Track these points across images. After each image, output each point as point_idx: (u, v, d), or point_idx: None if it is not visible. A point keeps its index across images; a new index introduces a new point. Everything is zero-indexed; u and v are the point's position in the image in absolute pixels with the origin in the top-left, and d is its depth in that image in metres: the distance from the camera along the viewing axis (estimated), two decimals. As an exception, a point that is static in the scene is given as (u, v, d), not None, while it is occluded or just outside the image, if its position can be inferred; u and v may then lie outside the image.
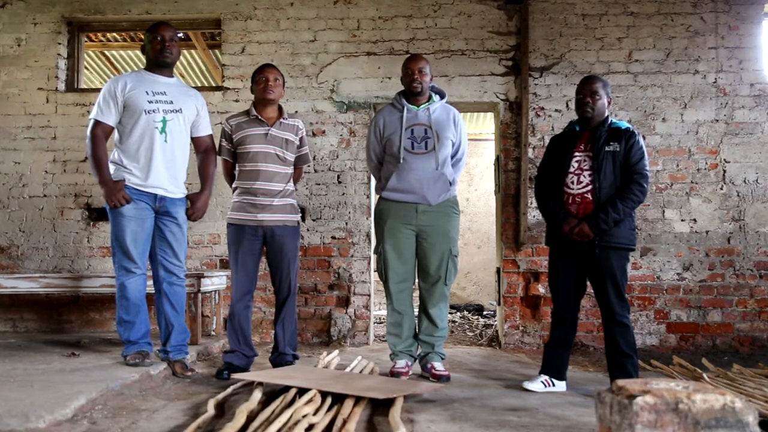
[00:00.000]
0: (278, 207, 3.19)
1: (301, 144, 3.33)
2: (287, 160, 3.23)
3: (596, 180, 2.87)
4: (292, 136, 3.25)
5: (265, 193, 3.17)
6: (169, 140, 3.03)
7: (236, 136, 3.21)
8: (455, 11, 4.60)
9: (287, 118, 3.28)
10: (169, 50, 3.04)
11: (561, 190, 2.96)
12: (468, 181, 8.37)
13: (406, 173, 3.19)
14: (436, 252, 3.22)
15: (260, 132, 3.19)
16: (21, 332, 4.54)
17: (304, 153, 3.36)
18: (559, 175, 2.97)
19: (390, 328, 3.32)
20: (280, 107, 3.29)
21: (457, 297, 8.01)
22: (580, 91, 2.98)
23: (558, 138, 3.11)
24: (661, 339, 4.35)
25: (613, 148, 2.90)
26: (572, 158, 2.96)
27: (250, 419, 2.11)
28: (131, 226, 2.97)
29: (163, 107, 3.02)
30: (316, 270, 4.53)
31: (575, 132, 3.04)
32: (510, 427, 2.23)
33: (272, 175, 3.18)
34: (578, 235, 2.87)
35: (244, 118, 3.25)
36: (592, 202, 2.87)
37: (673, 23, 4.50)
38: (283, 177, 3.22)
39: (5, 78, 4.73)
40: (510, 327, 4.42)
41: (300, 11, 4.65)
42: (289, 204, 3.24)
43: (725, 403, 1.40)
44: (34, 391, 2.35)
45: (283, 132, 3.22)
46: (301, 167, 3.42)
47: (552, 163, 3.04)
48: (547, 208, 3.01)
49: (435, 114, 3.26)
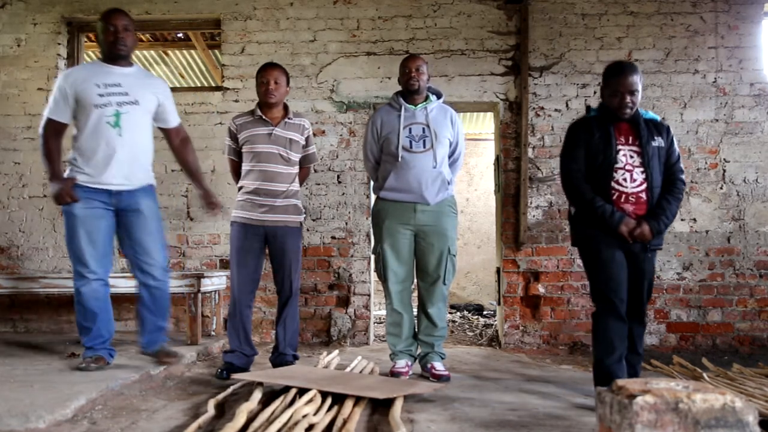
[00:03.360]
0: (281, 207, 3.17)
1: (308, 143, 3.30)
2: (291, 160, 3.21)
3: (649, 178, 2.67)
4: (298, 135, 3.23)
5: (268, 193, 3.15)
6: (124, 134, 2.86)
7: (241, 135, 3.21)
8: (455, 11, 4.60)
9: (293, 117, 3.26)
10: (122, 41, 2.87)
11: (606, 185, 2.68)
12: (468, 181, 8.37)
13: (404, 172, 3.19)
14: (435, 251, 3.22)
15: (264, 132, 3.17)
16: (21, 332, 4.54)
17: (310, 152, 3.34)
18: (604, 169, 2.69)
19: (389, 328, 3.32)
20: (286, 106, 3.28)
21: (457, 297, 8.01)
22: (617, 87, 2.69)
23: (581, 127, 2.81)
24: (661, 338, 4.35)
25: (658, 144, 2.71)
26: (618, 152, 2.69)
27: (250, 419, 2.11)
28: (84, 228, 2.82)
29: (117, 99, 2.86)
30: (316, 270, 4.53)
31: (603, 120, 2.75)
32: (510, 426, 2.23)
33: (275, 175, 3.16)
34: (638, 237, 2.65)
35: (249, 117, 3.24)
36: (646, 202, 2.67)
37: (673, 23, 4.50)
38: (287, 177, 3.20)
39: (5, 78, 4.73)
40: (510, 327, 4.42)
41: (300, 11, 4.65)
42: (292, 204, 3.22)
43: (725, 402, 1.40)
44: (34, 392, 2.36)
45: (287, 132, 3.20)
46: (307, 167, 3.39)
47: (587, 154, 2.74)
48: (592, 204, 2.68)
49: (432, 113, 3.26)
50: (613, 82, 2.71)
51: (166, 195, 4.61)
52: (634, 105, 2.70)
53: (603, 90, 2.78)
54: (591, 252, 2.77)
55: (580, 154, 2.76)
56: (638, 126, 2.72)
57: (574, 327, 4.37)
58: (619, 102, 2.69)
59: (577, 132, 2.82)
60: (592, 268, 2.78)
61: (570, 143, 2.83)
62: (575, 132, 2.83)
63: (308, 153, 3.33)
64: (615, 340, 2.64)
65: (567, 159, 2.82)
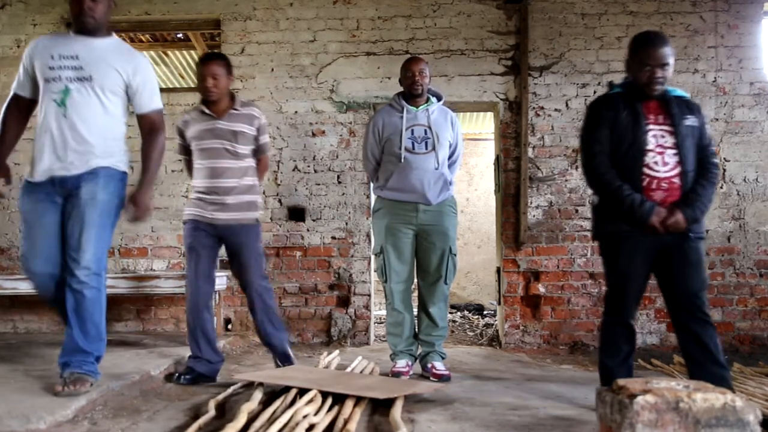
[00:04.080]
0: (232, 205, 2.98)
1: (260, 133, 3.08)
2: (240, 154, 2.99)
3: (683, 161, 2.39)
4: (246, 126, 3.00)
5: (217, 191, 2.97)
6: (70, 115, 2.46)
7: (188, 132, 3.05)
8: (455, 11, 4.60)
9: (240, 107, 3.03)
10: (89, 12, 2.46)
11: (634, 170, 2.40)
12: (468, 181, 8.37)
13: (406, 172, 3.20)
14: (436, 251, 3.22)
15: (207, 126, 2.98)
16: (21, 333, 4.54)
17: (263, 143, 3.11)
18: (632, 152, 2.41)
19: (390, 328, 3.32)
20: (232, 95, 3.06)
21: (457, 297, 8.01)
22: (646, 60, 2.41)
23: (604, 104, 2.52)
24: (661, 338, 4.35)
25: (691, 123, 2.43)
26: (647, 132, 2.41)
27: (251, 419, 2.11)
28: (27, 225, 2.51)
29: (68, 74, 2.46)
30: (316, 270, 4.53)
31: (629, 97, 2.48)
32: (511, 426, 2.23)
33: (223, 171, 2.97)
34: (671, 227, 2.37)
35: (194, 113, 3.06)
36: (680, 188, 2.40)
37: (673, 22, 4.50)
38: (237, 172, 2.99)
39: (5, 79, 4.73)
40: (510, 327, 4.42)
41: (299, 11, 4.65)
42: (245, 201, 3.01)
43: (726, 402, 1.40)
44: (35, 392, 2.35)
45: (232, 124, 2.98)
46: (263, 158, 3.17)
47: (611, 135, 2.45)
48: (618, 193, 2.39)
49: (434, 115, 3.28)
50: (642, 55, 2.42)
51: (167, 195, 4.61)
52: (665, 80, 2.42)
53: (629, 63, 2.49)
54: (610, 257, 2.55)
55: (603, 135, 2.45)
56: (669, 103, 2.45)
57: (575, 327, 4.37)
58: (648, 76, 2.41)
59: (600, 110, 2.50)
60: (608, 273, 2.58)
61: (592, 122, 2.51)
62: (598, 110, 2.51)
63: (261, 143, 3.11)
64: (620, 342, 2.51)
65: (589, 141, 2.49)
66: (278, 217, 4.57)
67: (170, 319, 4.56)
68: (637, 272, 2.47)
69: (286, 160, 4.59)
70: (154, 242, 4.60)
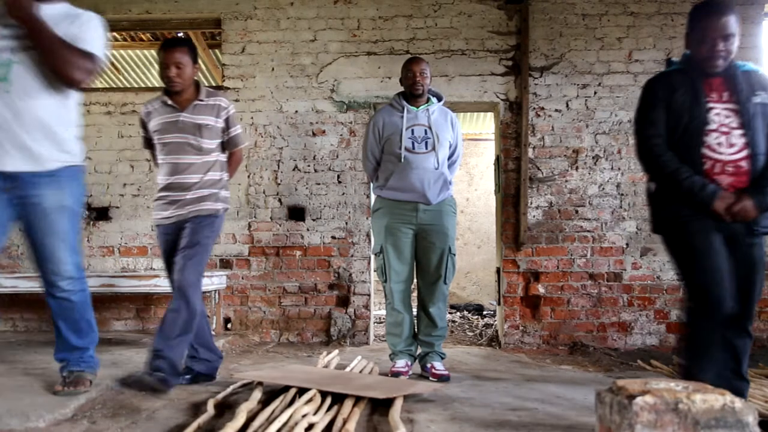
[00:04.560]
0: (191, 200, 2.77)
1: (229, 125, 2.87)
2: (204, 149, 2.78)
3: (752, 143, 2.14)
4: (211, 119, 2.80)
5: (179, 187, 2.76)
6: (13, 91, 2.18)
7: (150, 125, 2.83)
8: (455, 11, 4.60)
9: (205, 98, 2.81)
10: None
11: (695, 152, 2.16)
12: (468, 181, 8.37)
13: (407, 172, 3.20)
14: (436, 250, 3.22)
15: (170, 119, 2.77)
16: (21, 331, 4.54)
17: (233, 135, 2.90)
18: (691, 132, 2.17)
19: (390, 328, 3.32)
20: (197, 85, 2.85)
21: (457, 297, 8.01)
22: (706, 32, 2.17)
23: (660, 83, 2.28)
24: (661, 339, 4.35)
25: (761, 100, 2.18)
26: (708, 111, 2.17)
27: (250, 419, 2.11)
28: None
29: (11, 44, 2.19)
30: (316, 269, 4.53)
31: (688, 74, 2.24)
32: (510, 426, 2.23)
33: (186, 167, 2.76)
34: (738, 215, 2.12)
35: (157, 103, 2.84)
36: (748, 173, 2.14)
37: (674, 23, 4.49)
38: (201, 167, 2.78)
39: (5, 77, 4.73)
40: (510, 327, 4.42)
41: (300, 11, 4.65)
42: (205, 194, 2.79)
43: (725, 403, 1.40)
44: (35, 391, 2.35)
45: (197, 116, 2.77)
46: (236, 151, 2.96)
47: (669, 116, 2.22)
48: (676, 176, 2.16)
49: (434, 115, 3.28)
50: (701, 26, 2.18)
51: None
52: (728, 54, 2.18)
53: (688, 37, 2.26)
54: (681, 238, 2.21)
55: (659, 117, 2.23)
56: (734, 79, 2.20)
57: (574, 327, 4.37)
58: (708, 50, 2.17)
59: (655, 90, 2.28)
60: (684, 259, 2.22)
61: (646, 104, 2.29)
62: (652, 90, 2.29)
63: (232, 136, 2.89)
64: (716, 351, 2.11)
65: (643, 123, 2.29)
66: (278, 217, 4.57)
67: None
68: (719, 249, 2.14)
69: (287, 160, 4.59)
70: (154, 241, 4.60)
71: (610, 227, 4.42)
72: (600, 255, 4.41)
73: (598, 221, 4.43)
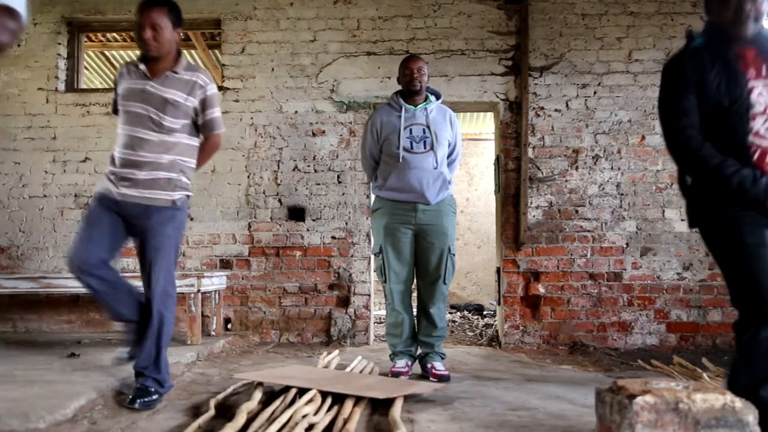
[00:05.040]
0: (143, 181, 2.46)
1: (205, 106, 2.56)
2: (166, 127, 2.47)
3: None
4: (181, 95, 2.49)
5: (131, 164, 2.45)
6: None
7: (119, 87, 2.55)
8: (455, 11, 4.60)
9: (182, 70, 2.53)
10: None
11: (738, 140, 1.88)
12: (468, 181, 8.37)
13: (405, 172, 3.19)
14: (436, 250, 3.22)
15: (136, 86, 2.49)
16: (21, 332, 4.54)
17: (208, 118, 2.59)
18: (732, 117, 1.88)
19: (390, 329, 3.32)
20: (179, 53, 2.57)
21: (457, 297, 8.01)
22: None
23: (686, 63, 1.96)
24: (661, 339, 4.35)
25: None
26: (750, 90, 1.86)
27: (250, 419, 2.11)
28: None
29: None
30: (316, 270, 4.53)
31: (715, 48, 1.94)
32: (510, 426, 2.23)
33: (142, 143, 2.46)
34: None
35: (132, 66, 2.58)
36: None
37: (673, 23, 4.49)
38: (159, 146, 2.47)
39: (5, 78, 4.73)
40: (510, 327, 4.42)
41: (300, 11, 4.65)
42: (161, 178, 2.48)
43: (725, 402, 1.40)
44: (35, 392, 2.35)
45: (166, 89, 2.48)
46: (211, 136, 2.63)
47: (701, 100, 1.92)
48: (721, 171, 1.87)
49: (432, 114, 3.26)
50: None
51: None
52: (758, 14, 1.88)
53: (708, 2, 1.98)
54: (727, 235, 1.91)
55: (691, 104, 1.92)
56: None
57: (574, 327, 4.37)
58: (735, 13, 1.88)
59: (683, 71, 1.95)
60: (730, 259, 1.92)
61: (674, 89, 1.97)
62: (679, 71, 1.96)
63: (207, 119, 2.59)
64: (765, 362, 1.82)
65: (673, 113, 1.96)
66: (278, 217, 4.57)
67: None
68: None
69: (287, 160, 4.59)
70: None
71: (610, 227, 4.42)
72: (600, 255, 4.41)
73: (598, 221, 4.43)
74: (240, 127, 4.62)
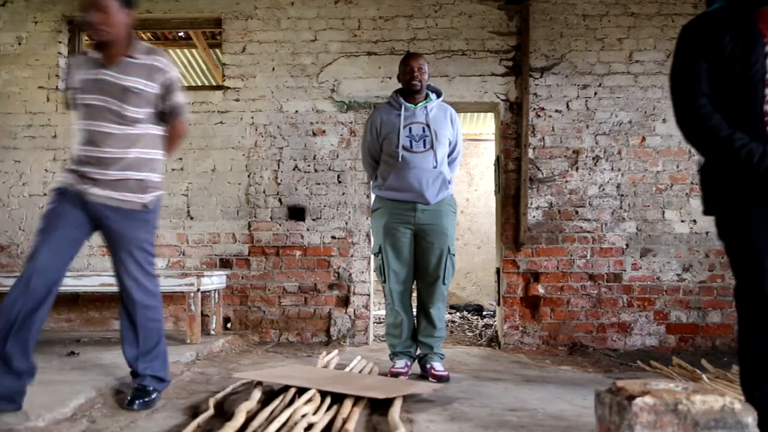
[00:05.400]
0: (113, 182, 2.32)
1: (168, 91, 2.42)
2: (129, 118, 2.33)
3: None
4: (142, 82, 2.35)
5: (95, 163, 2.31)
6: None
7: (74, 80, 2.39)
8: (456, 11, 4.60)
9: (139, 55, 2.38)
10: None
11: (751, 112, 1.73)
12: (468, 181, 8.37)
13: (404, 172, 3.18)
14: (435, 251, 3.21)
15: (91, 76, 2.34)
16: (20, 331, 4.54)
17: (173, 104, 2.44)
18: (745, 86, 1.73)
19: (389, 329, 3.32)
20: (130, 37, 2.40)
21: (457, 297, 8.01)
22: None
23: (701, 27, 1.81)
24: (660, 340, 4.35)
25: None
26: (766, 54, 1.70)
27: (249, 419, 2.11)
28: None
29: None
30: (316, 269, 4.53)
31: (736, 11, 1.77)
32: (509, 427, 2.23)
33: (104, 137, 2.31)
34: None
35: (83, 56, 2.43)
36: None
37: (674, 24, 4.49)
38: (123, 141, 2.33)
39: (6, 76, 4.73)
40: (509, 327, 4.42)
41: (301, 11, 4.65)
42: (131, 179, 2.35)
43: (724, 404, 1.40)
44: (34, 390, 2.35)
45: (124, 76, 2.33)
46: (176, 124, 2.48)
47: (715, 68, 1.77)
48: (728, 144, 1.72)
49: (432, 112, 3.25)
50: None
51: (167, 194, 4.61)
52: None
53: None
54: (733, 234, 1.81)
55: (701, 70, 1.79)
56: None
57: (574, 328, 4.37)
58: None
59: (696, 36, 1.82)
60: (735, 254, 1.81)
61: (685, 55, 1.83)
62: (692, 37, 1.83)
63: (171, 105, 2.44)
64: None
65: (681, 79, 1.83)
66: (278, 217, 4.57)
67: (170, 317, 4.56)
68: None
69: (287, 160, 4.59)
70: (155, 241, 4.59)
71: (610, 228, 4.42)
72: (600, 255, 4.41)
73: (598, 222, 4.43)
74: (240, 126, 4.62)
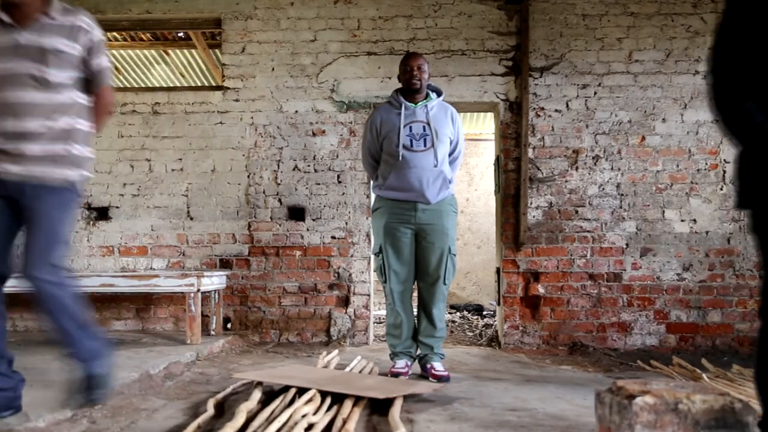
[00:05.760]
0: (35, 157, 2.11)
1: (91, 54, 2.21)
2: (52, 83, 2.12)
3: None
4: (63, 42, 2.14)
5: (16, 137, 2.09)
6: None
7: None
8: (456, 11, 4.60)
9: (57, 14, 2.17)
10: None
11: None
12: (468, 181, 8.37)
13: (405, 171, 3.18)
14: (436, 250, 3.21)
15: (6, 40, 2.11)
16: (21, 331, 4.54)
17: (99, 68, 2.24)
18: None
19: (389, 329, 3.32)
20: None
21: (457, 297, 8.01)
22: None
23: None
24: (660, 339, 4.35)
25: None
26: None
27: (249, 419, 2.11)
28: None
29: None
30: (316, 269, 4.53)
31: None
32: (509, 427, 2.23)
33: (24, 108, 2.09)
34: None
35: None
36: None
37: (674, 23, 4.49)
38: (46, 110, 2.12)
39: (5, 77, 4.73)
40: (510, 327, 4.42)
41: (300, 11, 4.65)
42: (55, 153, 2.14)
43: (725, 403, 1.40)
44: (34, 391, 2.36)
45: (42, 37, 2.12)
46: (100, 90, 2.27)
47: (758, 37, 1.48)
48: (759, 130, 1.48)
49: (433, 111, 3.25)
50: None
51: (167, 194, 4.61)
52: None
53: None
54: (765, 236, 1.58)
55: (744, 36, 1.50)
56: None
57: (574, 327, 4.37)
58: None
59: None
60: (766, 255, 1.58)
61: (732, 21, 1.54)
62: None
63: (96, 69, 2.24)
64: None
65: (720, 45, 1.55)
66: (278, 217, 4.57)
67: (170, 318, 4.56)
68: None
69: (287, 160, 4.59)
70: (154, 241, 4.60)
71: (610, 227, 4.42)
72: (600, 255, 4.42)
73: (598, 221, 4.43)
74: (240, 126, 4.62)
